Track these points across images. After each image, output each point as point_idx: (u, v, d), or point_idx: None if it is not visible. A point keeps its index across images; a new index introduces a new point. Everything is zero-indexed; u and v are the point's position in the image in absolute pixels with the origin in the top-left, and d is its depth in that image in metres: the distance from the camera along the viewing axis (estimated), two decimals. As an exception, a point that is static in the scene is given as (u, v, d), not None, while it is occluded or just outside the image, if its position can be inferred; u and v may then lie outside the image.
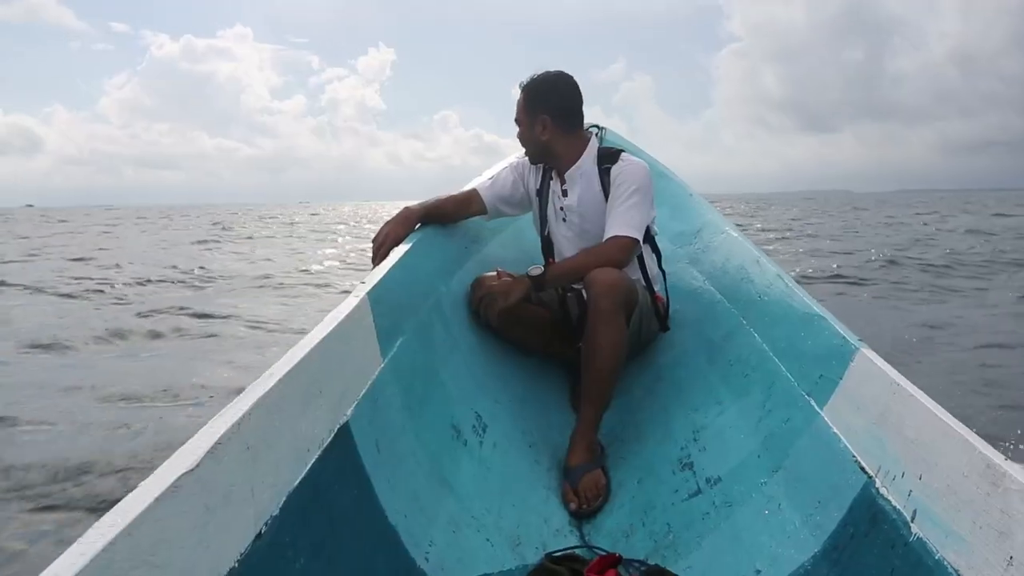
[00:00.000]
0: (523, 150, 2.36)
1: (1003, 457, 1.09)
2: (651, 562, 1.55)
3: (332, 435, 1.27)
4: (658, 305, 2.30)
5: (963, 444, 1.15)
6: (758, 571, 1.44)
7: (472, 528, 1.60)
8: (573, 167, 2.24)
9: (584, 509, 1.78)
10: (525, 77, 2.22)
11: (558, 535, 1.70)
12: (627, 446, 2.02)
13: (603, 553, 1.58)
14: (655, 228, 2.32)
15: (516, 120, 2.25)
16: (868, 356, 1.53)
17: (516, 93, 2.24)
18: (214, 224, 29.52)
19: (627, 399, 2.19)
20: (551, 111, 2.19)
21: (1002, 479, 1.05)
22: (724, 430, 1.89)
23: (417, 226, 2.23)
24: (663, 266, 2.37)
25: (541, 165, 2.35)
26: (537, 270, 2.14)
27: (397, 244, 2.06)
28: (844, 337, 1.65)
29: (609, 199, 2.17)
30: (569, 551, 1.60)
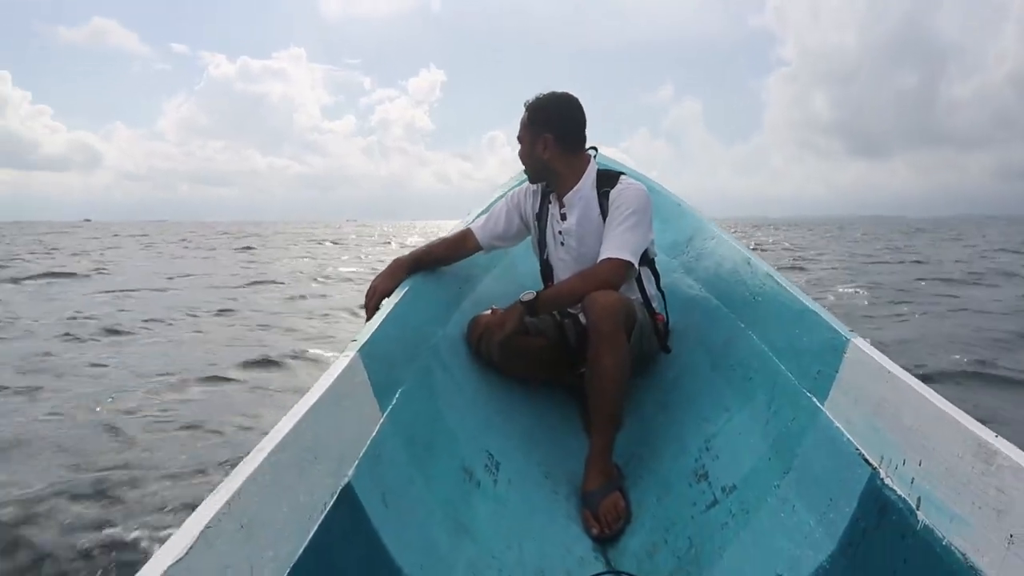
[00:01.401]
0: (513, 175, 2.37)
1: (993, 434, 1.10)
2: None
3: (334, 498, 1.26)
4: (658, 326, 2.29)
5: (955, 426, 1.17)
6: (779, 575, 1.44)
7: (493, 569, 1.59)
8: (572, 191, 2.23)
9: (606, 533, 1.77)
10: (530, 96, 2.22)
11: (582, 563, 1.69)
12: (643, 464, 2.01)
13: None
14: (653, 250, 2.33)
15: (518, 138, 2.24)
16: (859, 346, 1.55)
17: (523, 114, 2.24)
18: (319, 242, 30.70)
19: (639, 416, 2.18)
20: (554, 130, 2.19)
21: (994, 457, 1.07)
22: (734, 436, 1.88)
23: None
24: (661, 287, 2.38)
25: (540, 190, 2.36)
26: (529, 295, 2.13)
27: (386, 297, 2.07)
28: (836, 330, 1.67)
29: (607, 221, 2.17)
30: None
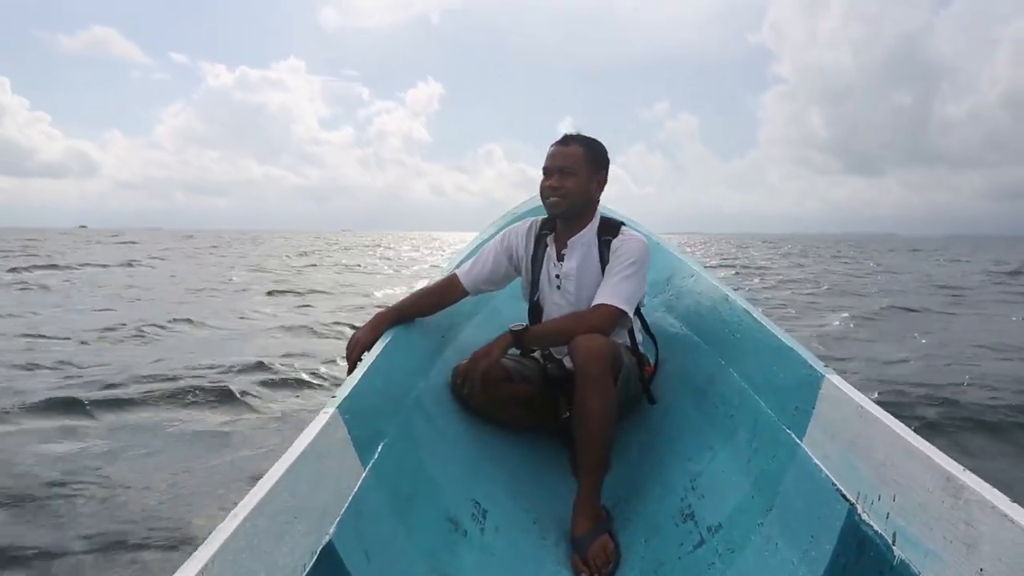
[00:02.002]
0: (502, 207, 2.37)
1: (961, 468, 1.12)
2: None
3: (315, 557, 1.25)
4: (644, 375, 2.30)
5: (925, 460, 1.18)
6: None
7: None
8: (577, 235, 2.25)
9: None
10: (571, 129, 2.23)
11: None
12: (631, 506, 2.02)
13: None
14: (644, 301, 2.36)
15: (566, 169, 2.17)
16: (834, 383, 1.57)
17: (570, 146, 2.20)
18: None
19: (625, 458, 2.19)
20: (606, 174, 2.25)
21: (962, 491, 1.08)
22: (718, 475, 1.89)
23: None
24: (652, 332, 2.41)
25: (534, 231, 2.37)
26: (519, 327, 2.15)
27: (366, 350, 2.05)
28: (811, 366, 1.69)
29: (606, 269, 2.19)
30: None
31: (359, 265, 20.73)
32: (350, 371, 1.98)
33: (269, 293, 11.25)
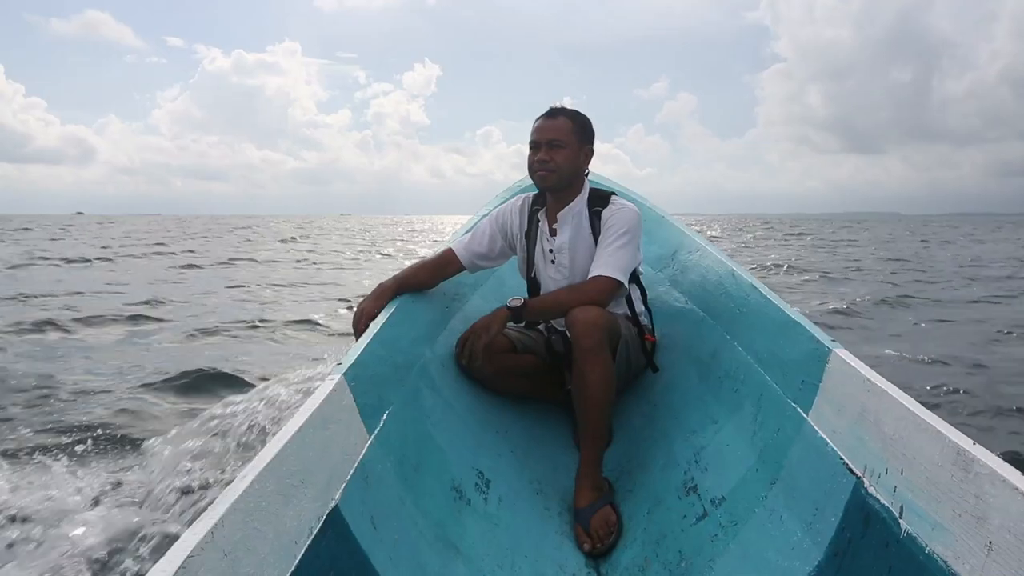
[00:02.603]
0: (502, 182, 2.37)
1: (971, 442, 1.12)
2: None
3: (321, 522, 1.25)
4: (645, 344, 2.29)
5: (935, 434, 1.18)
6: None
7: None
8: (567, 208, 2.25)
9: (598, 548, 1.78)
10: (556, 103, 2.22)
11: None
12: (633, 477, 2.02)
13: None
14: (641, 268, 2.35)
15: (554, 142, 2.16)
16: (841, 356, 1.56)
17: (558, 119, 2.18)
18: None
19: (628, 430, 2.20)
20: (592, 145, 2.24)
21: (972, 464, 1.08)
22: (722, 448, 1.89)
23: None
24: (649, 304, 2.39)
25: (526, 207, 2.36)
26: (516, 301, 2.14)
27: (371, 319, 2.05)
28: (818, 340, 1.68)
29: (599, 240, 2.19)
30: None
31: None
32: (360, 334, 2.00)
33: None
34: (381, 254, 18.95)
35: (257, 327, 6.38)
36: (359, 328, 2.06)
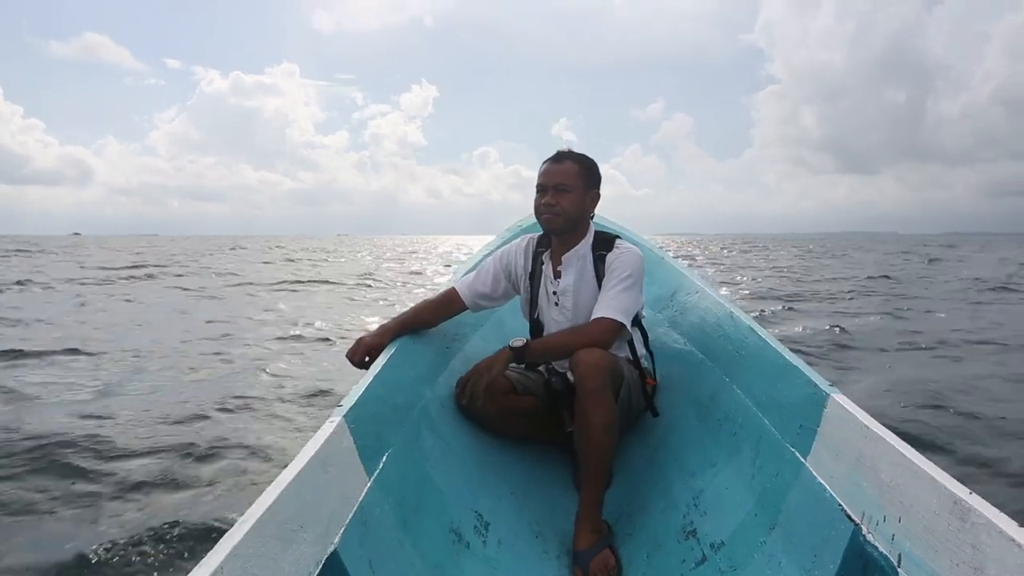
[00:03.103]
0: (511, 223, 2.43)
1: (967, 491, 1.12)
2: None
3: (320, 567, 1.26)
4: (646, 388, 2.31)
5: (931, 482, 1.18)
6: None
7: None
8: (572, 250, 2.27)
9: None
10: (563, 147, 2.25)
11: None
12: (633, 520, 2.02)
13: None
14: (643, 312, 2.37)
15: (561, 186, 2.18)
16: (839, 401, 1.57)
17: (564, 163, 2.20)
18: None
19: (628, 472, 2.20)
20: (599, 191, 2.27)
21: (968, 514, 1.08)
22: (721, 492, 1.89)
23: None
24: (650, 347, 2.40)
25: (531, 249, 2.38)
26: (519, 342, 2.16)
27: (369, 350, 2.09)
28: (816, 384, 1.69)
29: (603, 283, 2.20)
30: None
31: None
32: (359, 365, 2.08)
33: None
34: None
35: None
36: (356, 359, 2.11)
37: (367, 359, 2.10)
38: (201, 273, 18.60)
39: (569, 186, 2.18)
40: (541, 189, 2.21)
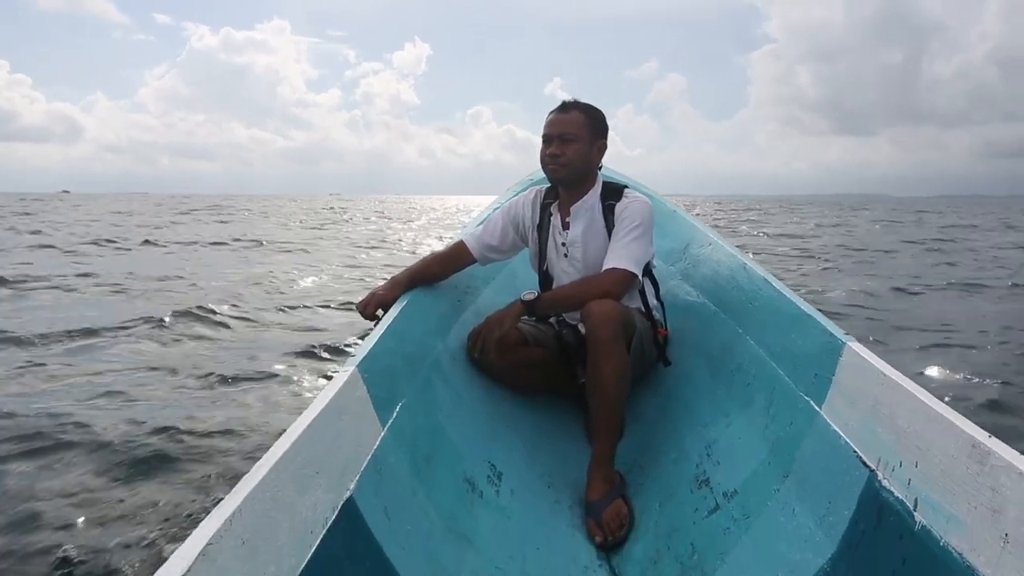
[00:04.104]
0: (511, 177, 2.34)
1: (987, 435, 1.12)
2: None
3: (336, 512, 1.27)
4: (658, 338, 2.30)
5: (949, 427, 1.18)
6: None
7: None
8: (580, 201, 2.26)
9: (610, 541, 1.78)
10: (560, 90, 2.41)
11: (587, 571, 1.70)
12: (645, 471, 2.03)
13: None
14: (654, 262, 2.34)
15: (566, 136, 2.16)
16: (855, 350, 1.57)
17: (570, 112, 2.19)
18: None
19: (640, 423, 2.20)
20: (606, 140, 2.25)
21: (987, 457, 1.08)
22: (734, 441, 1.90)
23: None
24: (661, 297, 2.39)
25: (538, 200, 2.37)
26: (530, 295, 2.16)
27: (382, 306, 2.10)
28: (832, 334, 1.69)
29: (612, 234, 2.19)
30: None
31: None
32: (369, 318, 2.08)
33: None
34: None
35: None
36: (368, 313, 2.11)
37: (379, 312, 2.11)
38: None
39: (575, 135, 2.16)
40: (547, 139, 2.19)
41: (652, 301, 2.33)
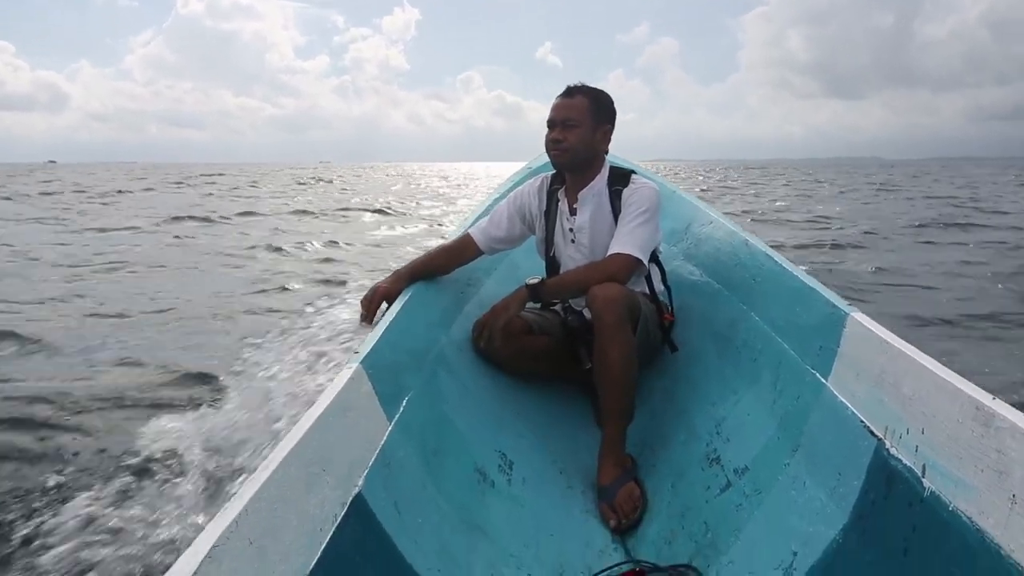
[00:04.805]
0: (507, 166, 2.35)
1: (990, 397, 1.12)
2: (694, 564, 1.59)
3: (345, 508, 1.27)
4: (664, 324, 2.29)
5: (954, 391, 1.18)
6: (795, 553, 1.45)
7: (512, 567, 1.61)
8: (587, 187, 2.25)
9: (624, 524, 1.79)
10: (574, 82, 2.20)
11: (602, 555, 1.71)
12: (656, 453, 2.03)
13: (648, 566, 1.61)
14: (660, 248, 2.34)
15: (568, 121, 2.16)
16: (859, 320, 1.57)
17: (574, 97, 2.17)
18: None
19: (648, 405, 2.19)
20: (613, 125, 2.23)
21: (992, 419, 1.08)
22: (743, 418, 1.90)
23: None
24: (667, 281, 2.39)
25: (544, 187, 2.37)
26: (535, 280, 2.16)
27: (385, 299, 2.12)
28: (835, 305, 1.69)
29: (619, 219, 2.19)
30: (613, 568, 1.61)
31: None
32: (370, 319, 2.10)
33: None
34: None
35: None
36: (372, 307, 2.13)
37: (384, 306, 2.12)
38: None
39: (576, 120, 2.15)
40: (550, 124, 2.19)
41: (659, 287, 2.33)
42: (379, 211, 15.07)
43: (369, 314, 2.14)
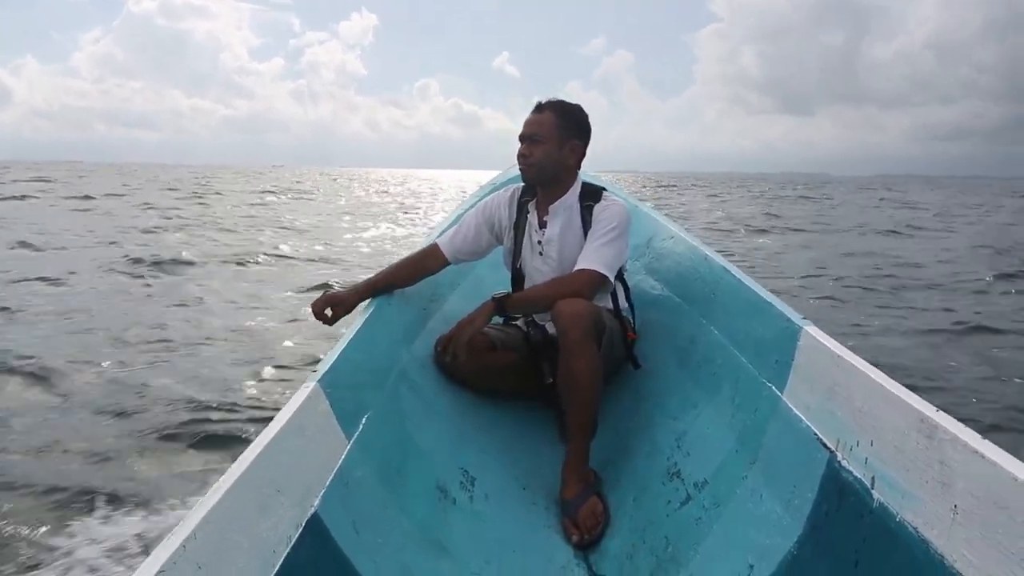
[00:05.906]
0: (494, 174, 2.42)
1: (934, 408, 1.14)
2: None
3: (300, 529, 1.25)
4: (627, 341, 2.30)
5: (900, 404, 1.20)
6: (751, 566, 1.46)
7: None
8: (558, 201, 2.26)
9: (586, 539, 1.79)
10: (543, 98, 2.22)
11: (564, 571, 1.70)
12: (618, 467, 2.04)
13: None
14: (627, 266, 2.37)
15: (534, 136, 2.18)
16: (811, 333, 1.59)
17: (543, 113, 2.19)
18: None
19: (611, 420, 2.19)
20: (583, 139, 2.24)
21: (935, 431, 1.10)
22: (703, 432, 1.92)
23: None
24: (631, 299, 2.40)
25: (514, 199, 2.37)
26: (501, 293, 2.17)
27: (330, 304, 2.11)
28: (789, 318, 1.71)
29: (588, 235, 2.20)
30: None
31: None
32: (326, 322, 2.10)
33: None
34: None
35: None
36: (317, 307, 2.12)
37: (328, 312, 2.11)
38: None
39: (543, 136, 2.17)
40: (520, 139, 2.22)
41: (623, 304, 2.34)
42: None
43: (322, 319, 2.12)
